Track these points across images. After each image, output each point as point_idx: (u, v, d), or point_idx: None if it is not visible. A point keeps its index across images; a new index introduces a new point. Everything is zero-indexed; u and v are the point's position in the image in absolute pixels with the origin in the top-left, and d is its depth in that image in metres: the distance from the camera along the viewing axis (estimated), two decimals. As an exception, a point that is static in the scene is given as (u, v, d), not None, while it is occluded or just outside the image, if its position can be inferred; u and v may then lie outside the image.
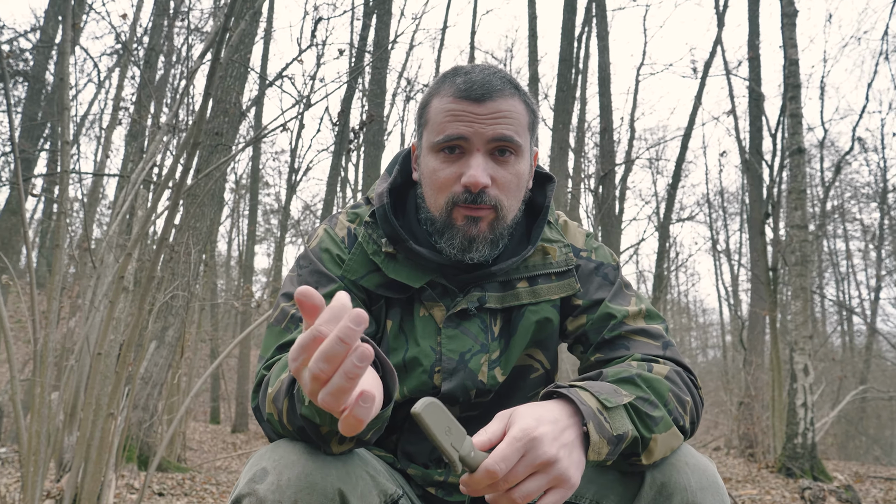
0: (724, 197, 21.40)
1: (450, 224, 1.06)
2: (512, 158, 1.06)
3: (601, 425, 0.85)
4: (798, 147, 7.95)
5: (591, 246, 1.20)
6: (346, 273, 1.10)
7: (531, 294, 1.13)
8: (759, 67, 12.17)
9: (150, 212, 2.81)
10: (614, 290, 1.14)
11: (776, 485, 7.03)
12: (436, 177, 1.06)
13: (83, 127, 13.14)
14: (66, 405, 3.04)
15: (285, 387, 0.85)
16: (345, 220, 1.17)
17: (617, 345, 1.09)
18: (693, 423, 0.99)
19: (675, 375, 1.00)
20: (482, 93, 1.03)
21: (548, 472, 0.79)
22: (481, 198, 1.03)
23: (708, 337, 29.45)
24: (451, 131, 1.03)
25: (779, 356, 9.21)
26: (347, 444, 0.86)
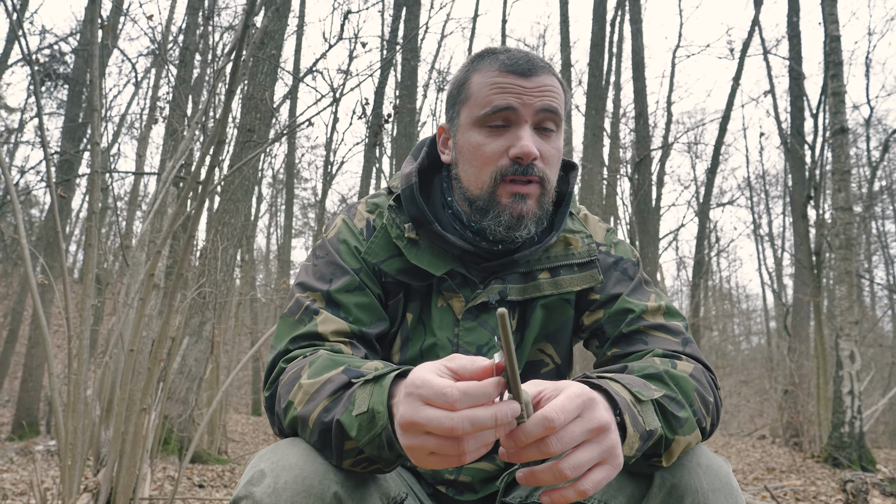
0: (765, 180, 20.84)
1: (495, 201, 1.04)
2: (553, 134, 1.05)
3: (635, 418, 0.80)
4: (841, 126, 7.67)
5: (610, 241, 1.17)
6: (368, 256, 1.08)
7: (553, 285, 1.10)
8: (799, 45, 11.77)
9: (179, 209, 2.85)
10: (633, 285, 1.11)
11: (822, 475, 6.84)
12: (480, 151, 1.04)
13: (122, 127, 13.45)
14: (103, 401, 3.11)
15: (335, 386, 0.84)
16: (364, 210, 1.15)
17: (635, 339, 1.05)
18: (713, 424, 0.95)
19: (700, 374, 0.96)
20: (528, 67, 1.03)
21: (600, 440, 0.71)
22: (531, 169, 1.02)
23: (751, 323, 28.81)
24: (499, 102, 1.02)
25: (823, 343, 8.95)
26: (362, 467, 0.83)
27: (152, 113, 8.35)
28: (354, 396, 0.80)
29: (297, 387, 0.89)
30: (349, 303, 1.04)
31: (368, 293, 1.07)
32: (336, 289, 1.05)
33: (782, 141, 12.38)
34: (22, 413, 10.10)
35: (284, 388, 0.92)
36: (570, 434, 0.68)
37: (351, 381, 0.83)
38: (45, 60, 11.35)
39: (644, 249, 12.41)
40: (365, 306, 1.05)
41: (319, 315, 1.02)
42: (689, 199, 22.47)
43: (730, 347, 26.41)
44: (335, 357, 0.91)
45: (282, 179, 19.78)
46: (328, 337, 1.00)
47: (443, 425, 0.65)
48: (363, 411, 0.78)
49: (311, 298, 1.04)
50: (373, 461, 0.81)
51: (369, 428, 0.77)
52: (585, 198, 11.83)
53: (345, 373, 0.85)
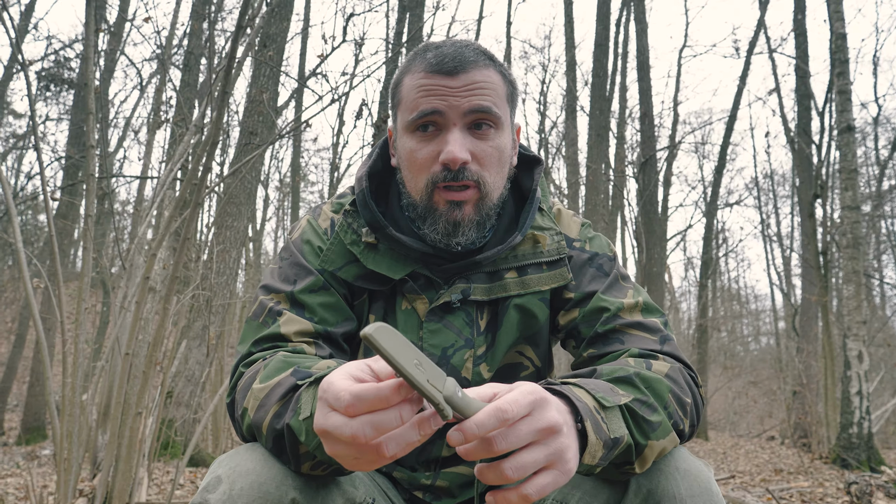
0: (773, 179, 20.70)
1: (432, 209, 1.01)
2: (491, 132, 1.00)
3: (598, 425, 0.76)
4: (847, 125, 7.60)
5: (585, 236, 1.13)
6: (324, 264, 1.06)
7: (520, 285, 1.07)
8: (805, 44, 11.68)
9: (174, 213, 2.84)
10: (609, 281, 1.07)
11: (830, 476, 6.77)
12: (413, 158, 1.01)
13: (127, 131, 13.51)
14: (100, 405, 3.10)
15: (283, 389, 0.81)
16: (329, 210, 1.13)
17: (611, 339, 1.01)
18: (693, 425, 0.91)
19: (676, 374, 0.92)
20: (454, 65, 0.98)
21: (548, 442, 0.66)
22: (462, 174, 0.98)
23: (760, 324, 28.62)
24: (424, 107, 0.98)
25: (831, 343, 8.87)
26: (322, 469, 0.81)
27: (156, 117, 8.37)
28: (300, 400, 0.78)
29: (249, 393, 0.87)
30: (313, 303, 1.02)
31: (334, 293, 1.04)
32: (300, 289, 1.02)
33: (788, 140, 12.30)
34: (29, 417, 10.15)
35: (240, 393, 0.90)
36: (516, 433, 0.64)
37: (298, 384, 0.81)
38: (51, 66, 11.42)
39: (650, 250, 12.35)
40: (330, 306, 1.03)
41: (283, 316, 1.00)
42: (696, 199, 22.38)
43: (739, 348, 26.24)
44: (289, 358, 0.89)
45: (288, 183, 19.84)
46: (291, 338, 0.97)
47: (343, 433, 0.63)
48: (307, 416, 0.75)
49: (275, 300, 1.02)
50: (330, 464, 0.78)
51: (315, 433, 0.74)
52: (591, 198, 11.78)
53: (293, 374, 0.83)
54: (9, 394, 11.77)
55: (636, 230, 13.16)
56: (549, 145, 18.53)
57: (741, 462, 9.34)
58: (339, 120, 17.58)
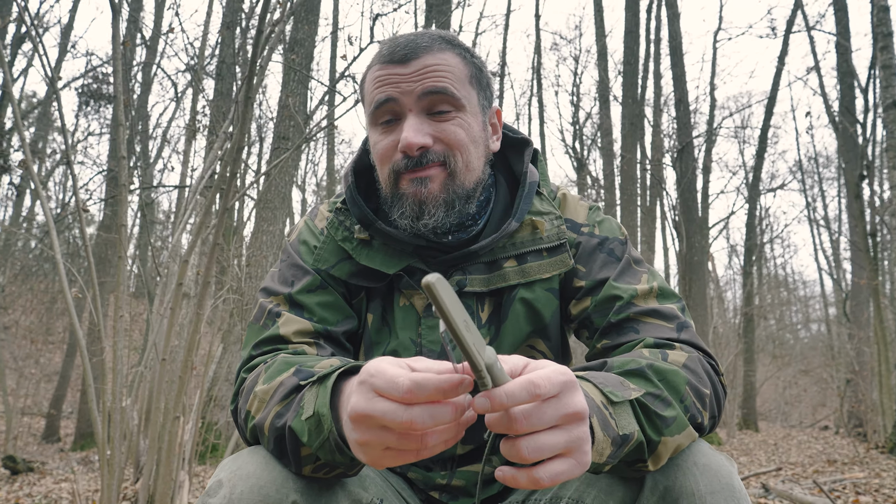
0: (818, 162, 20.07)
1: (398, 194, 0.99)
2: (453, 113, 0.98)
3: (606, 422, 0.72)
4: (893, 101, 7.30)
5: (594, 220, 1.09)
6: (317, 262, 1.05)
7: (520, 273, 1.03)
8: (845, 19, 11.27)
9: (204, 219, 2.88)
10: (621, 266, 1.02)
11: (887, 466, 6.52)
12: (377, 150, 1.01)
13: (165, 142, 13.84)
14: (141, 410, 3.17)
15: (286, 390, 0.80)
16: (325, 210, 1.13)
17: (625, 328, 0.97)
18: (713, 417, 0.86)
19: (695, 363, 0.87)
20: (405, 52, 0.97)
21: (571, 429, 0.63)
22: (425, 158, 0.96)
23: (809, 310, 27.81)
24: (378, 97, 0.98)
25: (884, 328, 8.54)
26: (324, 472, 0.79)
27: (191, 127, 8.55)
28: (303, 399, 0.77)
29: (252, 395, 0.86)
30: (312, 303, 1.01)
31: (332, 291, 1.03)
32: (298, 290, 1.02)
33: (831, 120, 11.89)
34: (83, 423, 10.48)
35: (243, 398, 0.89)
36: (540, 413, 0.61)
37: (300, 384, 0.80)
38: (90, 82, 11.77)
39: (690, 238, 12.09)
40: (329, 305, 1.02)
41: (281, 317, 0.99)
42: (738, 185, 21.84)
43: (788, 336, 25.56)
44: (290, 359, 0.88)
45: (325, 186, 20.09)
46: (290, 338, 0.97)
47: (397, 418, 0.60)
48: (310, 415, 0.74)
49: (274, 302, 1.02)
50: (333, 466, 0.77)
51: (318, 432, 0.73)
52: (626, 188, 11.60)
53: (295, 374, 0.82)
54: (63, 401, 12.18)
55: (675, 220, 12.90)
56: (585, 137, 18.31)
57: (793, 453, 9.09)
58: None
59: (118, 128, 2.95)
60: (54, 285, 14.75)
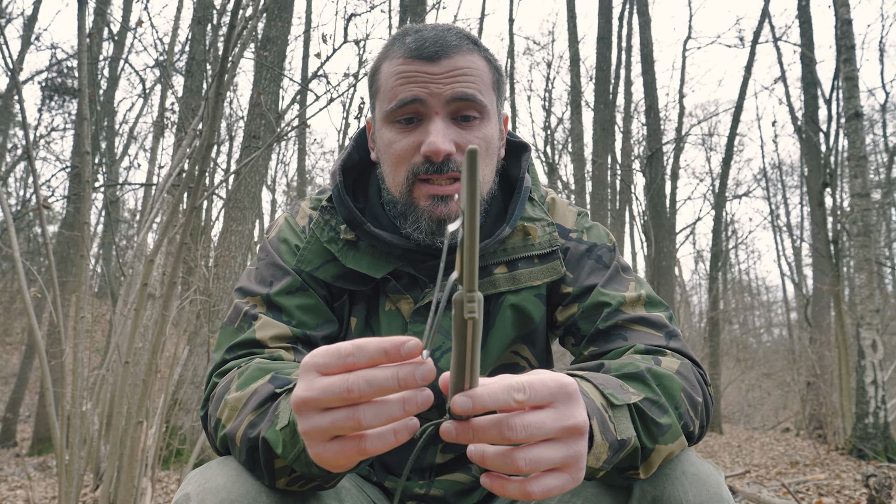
0: (781, 170, 20.53)
1: (413, 205, 0.95)
2: (477, 122, 0.94)
3: (605, 425, 0.69)
4: (855, 111, 7.49)
5: (582, 226, 1.07)
6: (301, 264, 1.00)
7: (510, 280, 1.00)
8: (810, 31, 11.55)
9: (171, 218, 2.80)
10: (609, 273, 1.00)
11: (846, 467, 6.68)
12: (392, 150, 0.95)
13: (131, 139, 13.54)
14: (102, 415, 3.07)
15: (260, 398, 0.75)
16: (307, 207, 1.07)
17: (613, 335, 0.94)
18: (703, 426, 0.85)
19: (688, 371, 0.85)
20: (435, 49, 0.91)
21: (570, 444, 0.59)
22: (447, 166, 0.91)
23: (772, 315, 28.40)
24: (404, 95, 0.92)
25: (844, 332, 8.76)
26: (299, 485, 0.75)
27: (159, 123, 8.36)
28: (279, 408, 0.72)
29: (223, 403, 0.81)
30: (291, 305, 0.96)
31: (313, 294, 0.98)
32: (276, 291, 0.97)
33: (796, 129, 12.16)
34: (41, 427, 10.17)
35: (213, 405, 0.84)
36: (539, 423, 0.57)
37: (276, 392, 0.75)
38: (54, 76, 11.46)
39: (659, 244, 12.24)
40: (309, 308, 0.97)
41: (258, 320, 0.94)
42: (704, 191, 22.21)
43: (751, 340, 26.06)
44: (265, 365, 0.82)
45: (296, 187, 19.88)
46: (267, 343, 0.92)
47: (336, 387, 0.55)
48: (285, 424, 0.69)
49: (251, 303, 0.96)
50: (308, 479, 0.73)
51: (293, 443, 0.69)
52: (597, 193, 11.70)
53: (271, 381, 0.77)
54: (20, 404, 11.81)
55: (644, 224, 13.06)
56: (556, 142, 18.45)
57: (756, 455, 9.24)
58: (345, 122, 17.57)
59: (82, 122, 2.86)
60: (13, 285, 14.31)
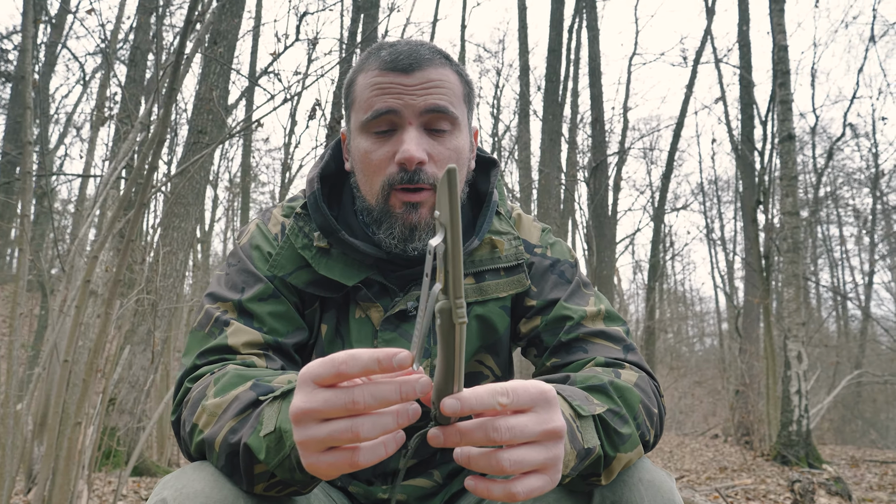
0: (717, 185, 21.36)
1: (387, 212, 0.98)
2: (448, 132, 0.98)
3: (573, 434, 0.73)
4: (788, 133, 7.88)
5: (546, 241, 1.12)
6: (273, 269, 1.01)
7: (477, 291, 1.04)
8: (749, 54, 12.09)
9: (117, 213, 2.73)
10: (571, 289, 1.05)
11: (771, 473, 7.00)
12: (368, 159, 0.98)
13: (69, 128, 13.01)
14: (36, 415, 2.95)
15: (242, 405, 0.76)
16: (279, 214, 1.08)
17: (574, 348, 0.99)
18: (657, 436, 0.91)
19: (645, 383, 0.91)
20: (409, 62, 0.95)
21: (550, 446, 0.64)
22: (418, 176, 0.95)
23: (705, 325, 29.42)
24: (379, 105, 0.95)
25: (772, 344, 9.18)
26: (277, 490, 0.76)
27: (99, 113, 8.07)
28: (262, 415, 0.73)
29: (200, 408, 0.81)
30: (262, 312, 0.97)
31: (284, 301, 1.00)
32: (248, 298, 0.97)
33: (733, 147, 12.69)
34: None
35: (189, 410, 0.84)
36: (522, 426, 0.62)
37: (259, 399, 0.76)
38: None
39: (601, 253, 12.56)
40: (280, 315, 0.98)
41: (230, 326, 0.94)
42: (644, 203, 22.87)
43: (684, 349, 26.90)
44: (243, 372, 0.84)
45: (238, 183, 19.46)
46: (239, 349, 0.92)
47: (340, 399, 0.58)
48: (270, 431, 0.71)
49: (222, 309, 0.97)
50: (287, 484, 0.75)
51: (277, 449, 0.70)
52: (543, 202, 11.91)
53: (252, 389, 0.78)
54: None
55: (587, 234, 13.37)
56: (503, 149, 18.68)
57: (687, 461, 9.57)
58: (292, 120, 17.32)
59: (25, 112, 2.76)
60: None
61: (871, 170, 17.59)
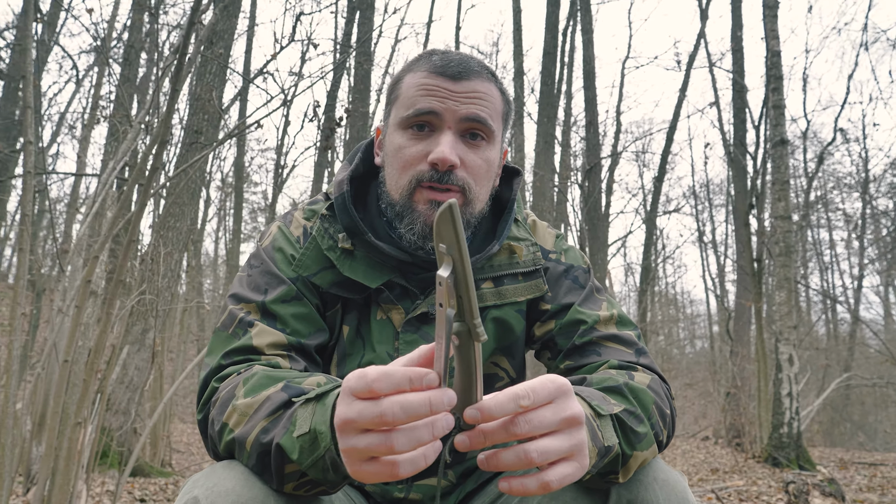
0: (709, 189, 21.48)
1: (410, 207, 1.00)
2: (483, 144, 1.01)
3: (594, 432, 0.76)
4: (781, 138, 7.95)
5: (560, 248, 1.15)
6: (298, 269, 1.03)
7: (496, 295, 1.07)
8: (742, 59, 12.19)
9: (119, 212, 2.73)
10: (585, 294, 1.08)
11: (763, 475, 7.05)
12: (401, 154, 1.01)
13: (61, 126, 12.94)
14: (35, 414, 2.95)
15: (274, 405, 0.78)
16: (301, 217, 1.10)
17: (588, 351, 1.02)
18: (669, 436, 0.94)
19: (657, 385, 0.94)
20: (459, 70, 0.99)
21: (572, 433, 0.67)
22: (448, 177, 0.98)
23: (696, 328, 29.55)
24: (422, 105, 0.99)
25: (764, 346, 9.25)
26: (305, 490, 0.78)
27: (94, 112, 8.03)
28: (295, 416, 0.75)
29: (231, 408, 0.83)
30: (286, 314, 0.99)
31: (307, 303, 1.01)
32: (272, 299, 0.99)
33: (726, 151, 12.78)
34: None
35: (218, 409, 0.86)
36: (540, 417, 0.65)
37: (291, 400, 0.78)
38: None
39: (594, 256, 12.61)
40: (303, 317, 1.00)
41: (254, 327, 0.96)
42: (636, 206, 22.99)
43: (675, 351, 27.02)
44: (272, 373, 0.85)
45: (231, 183, 19.38)
46: (264, 350, 0.94)
47: (370, 412, 0.61)
48: (305, 432, 0.73)
49: (246, 310, 0.99)
50: (317, 484, 0.76)
51: (311, 450, 0.72)
52: (537, 204, 11.95)
53: (284, 390, 0.80)
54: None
55: (580, 236, 13.42)
56: (496, 151, 18.68)
57: (679, 462, 9.63)
58: (285, 120, 17.32)
59: (26, 111, 2.75)
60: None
61: (861, 174, 17.77)
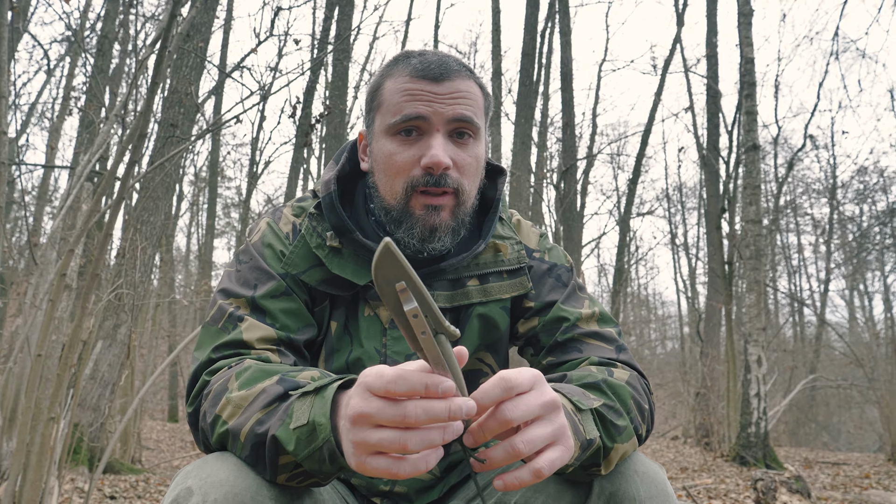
0: (682, 192, 21.77)
1: (408, 213, 1.02)
2: (471, 141, 1.03)
3: (576, 427, 0.80)
4: (753, 143, 8.11)
5: (544, 247, 1.17)
6: (287, 267, 1.04)
7: (481, 293, 1.09)
8: (716, 65, 12.39)
9: (94, 206, 2.70)
10: (567, 292, 1.11)
11: (730, 473, 7.20)
12: (392, 161, 1.02)
13: (31, 116, 12.66)
14: (6, 409, 2.90)
15: (269, 398, 0.79)
16: (290, 214, 1.11)
17: (569, 347, 1.05)
18: (649, 430, 0.97)
19: (635, 381, 0.97)
20: (440, 72, 1.00)
21: (552, 418, 0.71)
22: (443, 180, 0.99)
23: (667, 329, 29.96)
24: (409, 111, 0.99)
25: (734, 348, 9.42)
26: (298, 481, 0.79)
27: (66, 103, 7.89)
28: (292, 409, 0.77)
29: (224, 400, 0.84)
30: (275, 309, 1.00)
31: (295, 298, 1.03)
32: (261, 294, 1.00)
33: (699, 155, 12.99)
34: None
35: (210, 402, 0.87)
36: (526, 402, 0.68)
37: (287, 393, 0.79)
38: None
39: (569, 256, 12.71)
40: (292, 312, 1.01)
41: (244, 322, 0.97)
42: (610, 208, 23.21)
43: (646, 352, 27.37)
44: (266, 367, 0.87)
45: (205, 178, 19.15)
46: (254, 345, 0.95)
47: (392, 411, 0.64)
48: (302, 424, 0.74)
49: (235, 305, 1.00)
50: (309, 475, 0.78)
51: (309, 441, 0.74)
52: (513, 204, 12.02)
53: (280, 383, 0.81)
54: None
55: (555, 236, 13.52)
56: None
57: (649, 461, 9.75)
58: (260, 115, 17.18)
59: (0, 100, 2.71)
60: None
61: (829, 180, 18.19)
